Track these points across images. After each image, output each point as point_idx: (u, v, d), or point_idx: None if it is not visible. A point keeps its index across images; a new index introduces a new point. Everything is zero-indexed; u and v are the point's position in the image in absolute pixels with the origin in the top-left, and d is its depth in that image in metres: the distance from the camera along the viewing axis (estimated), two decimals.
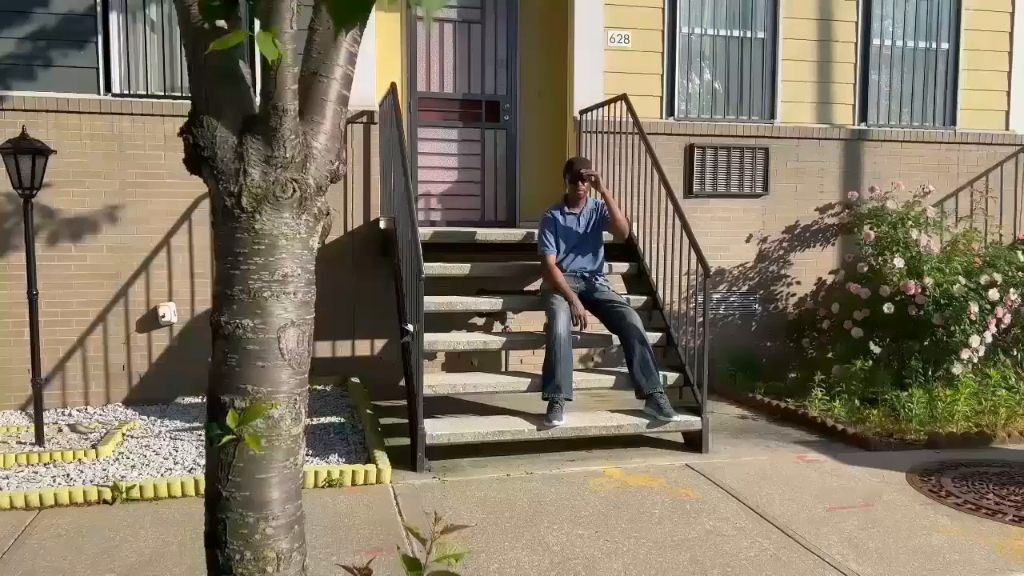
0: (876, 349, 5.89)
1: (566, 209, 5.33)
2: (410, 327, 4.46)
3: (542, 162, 7.01)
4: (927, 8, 7.30)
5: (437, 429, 4.48)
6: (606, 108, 6.16)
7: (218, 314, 1.72)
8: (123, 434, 4.99)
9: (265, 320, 1.71)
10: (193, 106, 1.72)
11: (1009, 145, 7.45)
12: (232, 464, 1.72)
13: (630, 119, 5.74)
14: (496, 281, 5.95)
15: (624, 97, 5.83)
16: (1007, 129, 7.47)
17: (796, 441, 5.10)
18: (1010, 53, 7.43)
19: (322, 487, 4.14)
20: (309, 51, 1.77)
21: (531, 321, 6.40)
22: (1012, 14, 7.38)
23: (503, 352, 6.33)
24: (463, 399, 5.32)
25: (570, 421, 4.73)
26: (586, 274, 5.30)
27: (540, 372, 4.86)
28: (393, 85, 5.47)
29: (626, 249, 5.76)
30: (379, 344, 6.38)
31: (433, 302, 4.92)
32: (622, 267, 5.71)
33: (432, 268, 4.98)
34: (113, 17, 5.77)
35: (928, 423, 5.21)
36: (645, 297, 5.50)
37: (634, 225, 5.94)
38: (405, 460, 4.50)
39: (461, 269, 5.29)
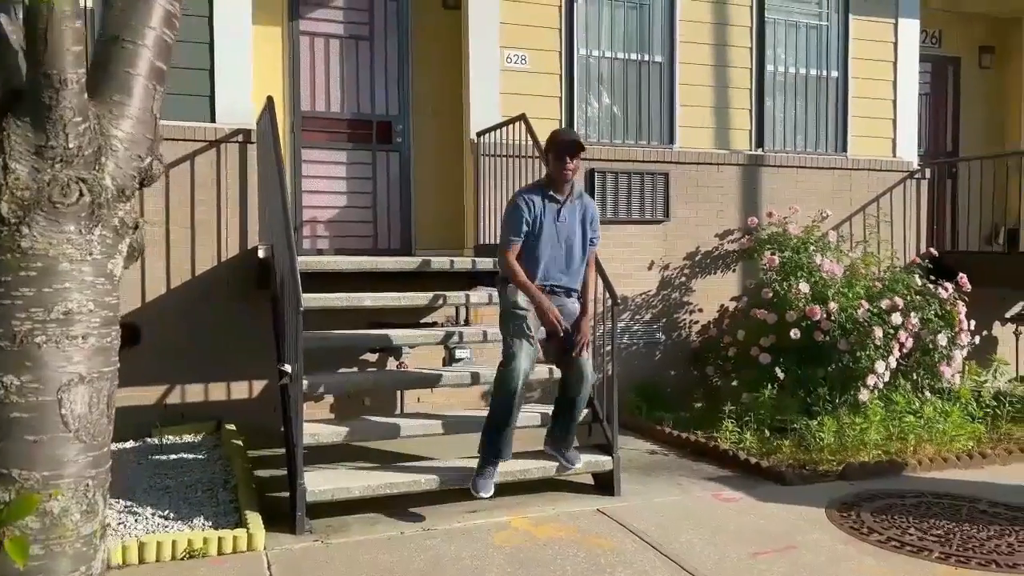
0: (781, 375, 5.75)
1: (551, 193, 4.15)
2: (287, 367, 3.93)
3: (438, 186, 6.62)
4: (817, 36, 7.40)
5: (320, 484, 3.94)
6: (505, 130, 5.84)
7: None
8: None
9: (38, 376, 1.22)
10: None
11: (897, 171, 7.60)
12: None
13: (530, 141, 5.43)
14: (390, 313, 5.48)
15: (523, 118, 5.52)
16: (894, 156, 7.63)
17: (709, 477, 4.83)
18: (894, 82, 7.62)
19: (182, 559, 3.52)
20: (110, 9, 1.31)
21: (428, 356, 5.95)
22: (895, 44, 7.57)
23: (398, 392, 5.83)
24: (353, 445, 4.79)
25: (470, 467, 4.28)
26: (569, 291, 4.27)
27: (438, 412, 4.42)
28: (270, 99, 4.96)
29: None
30: (258, 385, 5.76)
31: (316, 337, 4.40)
32: None
33: (314, 300, 4.46)
34: None
35: (838, 452, 5.06)
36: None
37: None
38: (285, 520, 3.93)
39: (349, 301, 4.79)
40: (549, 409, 4.50)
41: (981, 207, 7.60)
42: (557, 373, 4.50)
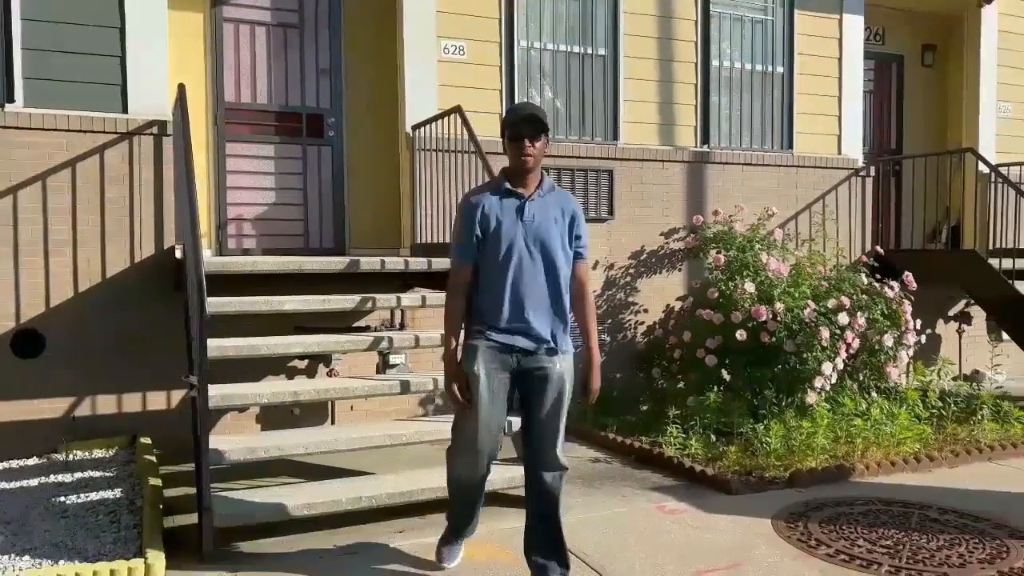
0: (727, 377, 5.58)
1: (507, 187, 3.15)
2: (193, 379, 3.59)
3: (374, 182, 6.30)
4: (763, 31, 7.28)
5: (230, 506, 3.60)
6: (441, 123, 5.55)
7: None
8: None
9: None
10: None
11: (842, 169, 7.53)
12: None
13: (467, 135, 5.15)
14: (320, 317, 5.15)
15: (458, 110, 5.24)
16: (840, 153, 7.55)
17: (654, 487, 4.62)
18: (839, 79, 7.54)
19: None
20: None
21: (362, 363, 5.64)
22: (840, 40, 7.49)
23: (328, 401, 5.50)
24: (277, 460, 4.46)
25: (399, 483, 4.00)
26: (541, 335, 3.13)
27: (370, 421, 4.12)
28: (181, 87, 4.59)
29: None
30: (177, 395, 5.37)
31: (230, 346, 4.06)
32: None
33: (228, 305, 4.12)
34: None
35: (786, 456, 4.90)
36: None
37: None
38: (193, 547, 3.59)
39: (268, 305, 4.44)
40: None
41: (925, 205, 7.58)
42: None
